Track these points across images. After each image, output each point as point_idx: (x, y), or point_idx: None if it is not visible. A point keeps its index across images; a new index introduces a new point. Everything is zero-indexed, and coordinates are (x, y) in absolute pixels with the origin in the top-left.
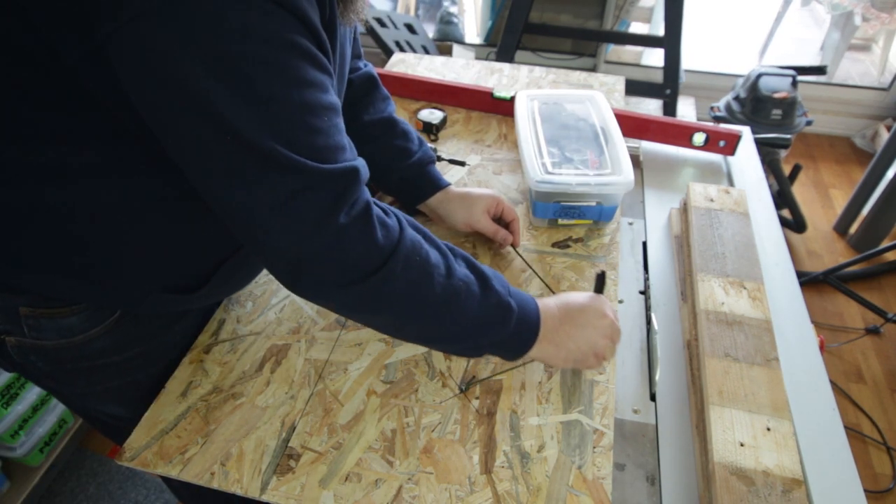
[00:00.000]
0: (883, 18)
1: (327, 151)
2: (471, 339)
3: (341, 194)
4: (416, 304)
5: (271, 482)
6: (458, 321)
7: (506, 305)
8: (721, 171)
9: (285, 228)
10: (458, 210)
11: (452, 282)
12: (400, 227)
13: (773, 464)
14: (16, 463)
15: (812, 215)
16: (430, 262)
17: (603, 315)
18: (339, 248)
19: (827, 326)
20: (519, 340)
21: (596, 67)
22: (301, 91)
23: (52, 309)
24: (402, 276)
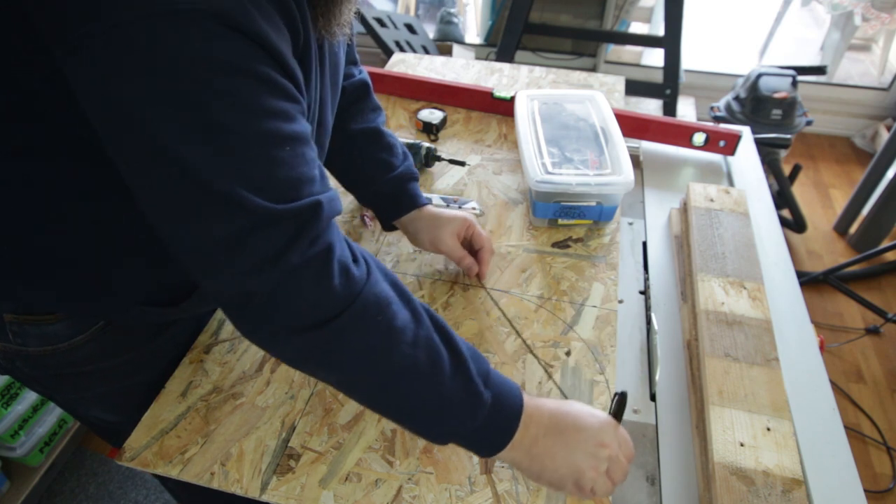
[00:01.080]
0: (883, 18)
1: (287, 185)
2: (429, 423)
3: (296, 234)
4: (368, 368)
5: (271, 482)
6: (415, 399)
7: (477, 395)
8: (721, 171)
9: (231, 268)
10: (425, 229)
11: (416, 353)
12: (368, 277)
13: (773, 464)
14: (16, 463)
15: (812, 215)
16: (395, 325)
17: (601, 444)
18: (288, 291)
19: (827, 326)
20: (486, 439)
21: (596, 67)
22: (259, 121)
23: (37, 316)
24: (356, 333)
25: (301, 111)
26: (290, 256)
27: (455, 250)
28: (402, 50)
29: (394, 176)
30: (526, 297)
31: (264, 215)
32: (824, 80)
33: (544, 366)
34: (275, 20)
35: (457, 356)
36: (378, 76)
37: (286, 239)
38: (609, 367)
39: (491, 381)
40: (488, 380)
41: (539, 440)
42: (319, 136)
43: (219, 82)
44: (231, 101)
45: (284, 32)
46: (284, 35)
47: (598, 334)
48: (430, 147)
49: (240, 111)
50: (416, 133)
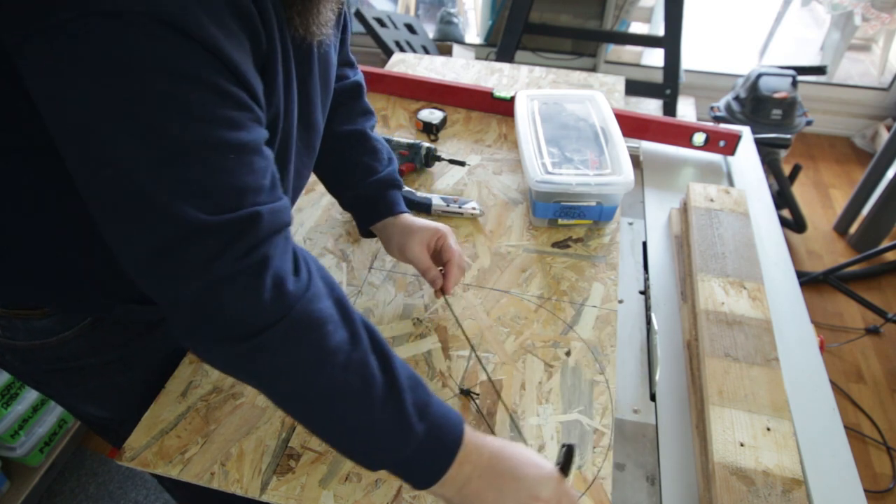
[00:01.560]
0: (883, 18)
1: (225, 194)
2: (357, 449)
3: (226, 245)
4: (295, 386)
5: (271, 482)
6: (343, 424)
7: (408, 427)
8: (721, 171)
9: (159, 274)
10: (396, 236)
11: (347, 376)
12: (305, 293)
13: (773, 464)
14: (16, 463)
15: (812, 215)
16: (327, 345)
17: (535, 497)
18: (214, 302)
19: (827, 326)
20: (416, 473)
21: (596, 67)
22: (198, 127)
23: (26, 310)
24: (282, 349)
25: (254, 119)
26: (217, 267)
27: (421, 260)
28: (402, 50)
29: (374, 180)
30: (526, 297)
31: (196, 226)
32: (824, 80)
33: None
34: (228, 25)
35: (392, 384)
36: (378, 76)
37: (216, 250)
38: (609, 367)
39: (429, 414)
40: (425, 412)
41: (472, 481)
42: (309, 137)
43: (156, 85)
44: (169, 105)
45: (240, 37)
46: (240, 40)
47: (598, 334)
48: (430, 147)
49: (177, 116)
50: (416, 133)
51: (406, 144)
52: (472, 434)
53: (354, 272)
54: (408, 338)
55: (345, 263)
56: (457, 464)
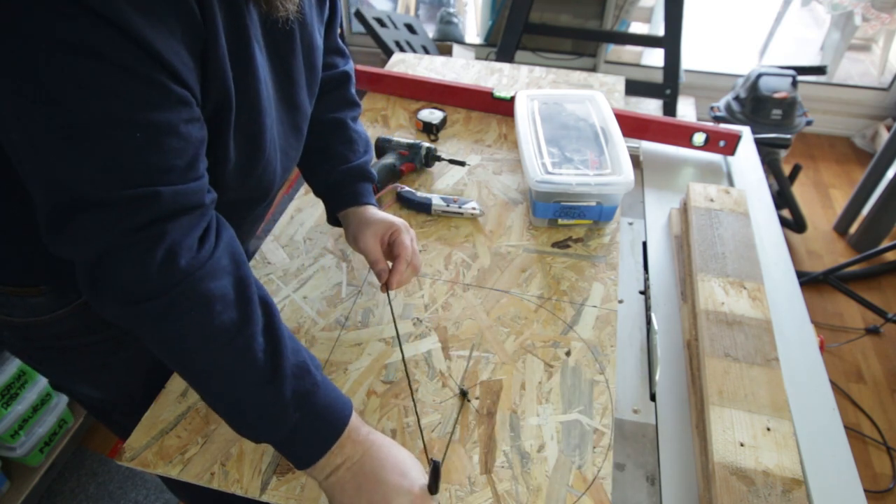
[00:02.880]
0: (883, 18)
1: (127, 170)
2: (236, 424)
3: (119, 219)
4: (176, 356)
5: (271, 482)
6: (221, 399)
7: (281, 414)
8: (721, 171)
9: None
10: (352, 225)
11: (226, 357)
12: (198, 270)
13: (773, 464)
14: (16, 463)
15: (812, 215)
16: (211, 324)
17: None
18: (106, 267)
19: (827, 326)
20: (291, 455)
21: (596, 67)
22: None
23: (21, 287)
24: (166, 321)
25: (177, 100)
26: (107, 238)
27: (371, 252)
28: (402, 50)
29: (344, 169)
30: (526, 297)
31: (89, 198)
32: (824, 80)
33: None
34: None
35: (274, 370)
36: (378, 76)
37: (107, 222)
38: (609, 367)
39: (309, 404)
40: (305, 401)
41: (339, 472)
42: (294, 118)
43: (60, 60)
44: (69, 79)
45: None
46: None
47: (598, 334)
48: (430, 147)
49: (79, 92)
50: (416, 133)
51: (406, 144)
52: (357, 428)
53: (354, 272)
54: (408, 338)
55: (345, 263)
56: (329, 454)
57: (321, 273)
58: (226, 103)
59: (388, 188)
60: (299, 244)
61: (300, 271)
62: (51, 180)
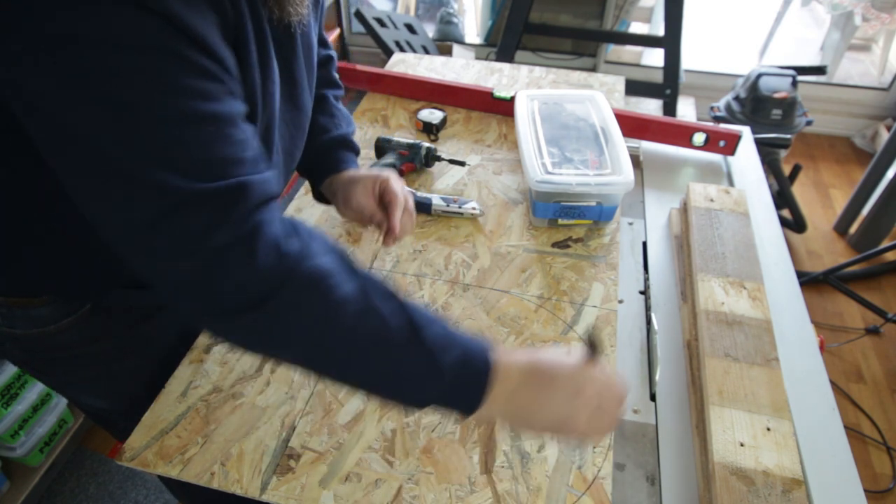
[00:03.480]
0: (883, 18)
1: (207, 166)
2: (392, 392)
3: (218, 215)
4: (315, 344)
5: (271, 482)
6: (371, 370)
7: (434, 361)
8: (721, 171)
9: (153, 252)
10: (339, 190)
11: (364, 323)
12: (303, 253)
13: (773, 464)
14: (16, 463)
15: (812, 215)
16: (337, 296)
17: (578, 392)
18: (214, 274)
19: (827, 326)
20: (457, 401)
21: (596, 67)
22: (172, 100)
23: (24, 298)
24: (295, 310)
25: (228, 91)
26: (211, 238)
27: (365, 207)
28: (402, 50)
29: (327, 139)
30: (526, 297)
31: (183, 196)
32: (824, 80)
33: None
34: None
35: (410, 324)
36: (378, 76)
37: (207, 220)
38: (609, 367)
39: (453, 345)
40: (449, 344)
41: (516, 394)
42: (297, 119)
43: (123, 61)
44: (138, 79)
45: (206, 11)
46: (205, 14)
47: (599, 334)
48: (430, 147)
49: (149, 90)
50: (416, 133)
51: (406, 144)
52: (503, 352)
53: None
54: None
55: None
56: (495, 384)
57: None
58: (252, 102)
59: None
60: None
61: None
62: (134, 185)
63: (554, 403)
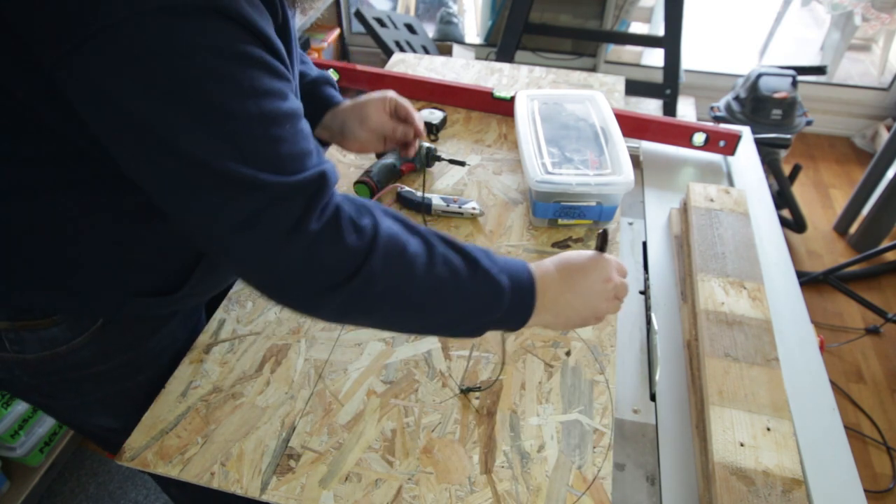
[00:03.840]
0: (883, 18)
1: (292, 160)
2: (467, 322)
3: (309, 203)
4: (403, 299)
5: (271, 482)
6: (450, 308)
7: (497, 284)
8: (721, 171)
9: (251, 246)
10: (350, 118)
11: (437, 270)
12: (375, 223)
13: (773, 464)
14: (16, 463)
15: (812, 215)
16: (410, 253)
17: (606, 279)
18: (312, 258)
19: (827, 326)
20: (516, 316)
21: (596, 67)
22: (257, 102)
23: (33, 321)
24: (382, 274)
25: (292, 88)
26: (306, 225)
27: (386, 124)
28: (402, 50)
29: (309, 80)
30: None
31: (277, 190)
32: (824, 80)
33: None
34: (256, 5)
35: (469, 260)
36: (378, 76)
37: (300, 209)
38: (609, 367)
39: (503, 267)
40: (501, 268)
41: (558, 299)
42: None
43: (213, 68)
44: (228, 85)
45: (265, 12)
46: (265, 15)
47: (598, 334)
48: (431, 147)
49: (237, 94)
50: None
51: None
52: (535, 266)
53: None
54: (408, 338)
55: None
56: (539, 293)
57: None
58: None
59: (388, 188)
60: None
61: None
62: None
63: (588, 298)
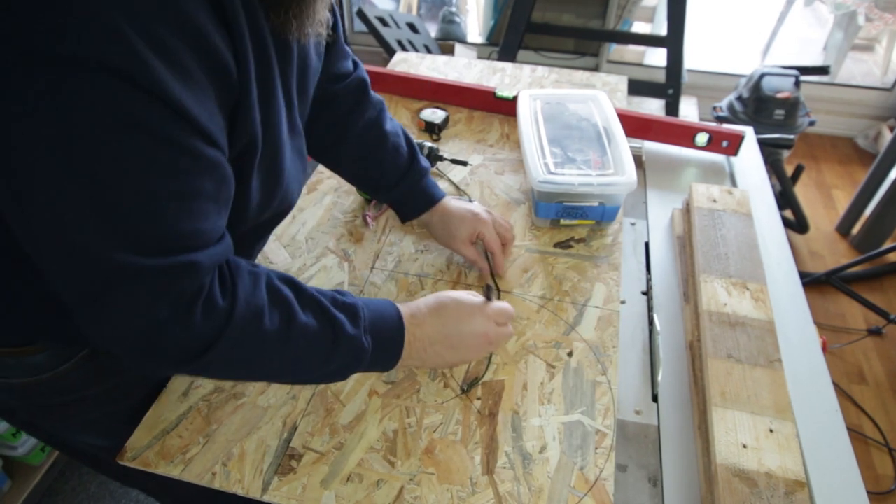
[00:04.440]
0: (886, 19)
1: (165, 240)
2: (328, 377)
3: (165, 290)
4: (257, 369)
5: (273, 482)
6: (310, 371)
7: (359, 349)
8: (724, 171)
9: (99, 319)
10: (439, 230)
11: (294, 343)
12: (231, 305)
13: (775, 465)
14: (17, 462)
15: (814, 216)
16: (268, 332)
17: (483, 333)
18: (157, 339)
19: (829, 327)
20: (377, 367)
21: (598, 67)
22: (141, 177)
23: (18, 348)
24: (232, 353)
25: (206, 163)
26: (156, 311)
27: (470, 255)
28: (404, 49)
29: (404, 181)
30: (528, 297)
31: (133, 271)
32: (827, 80)
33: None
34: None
35: (334, 326)
36: (380, 75)
37: (153, 294)
38: (611, 368)
39: (368, 326)
40: (367, 327)
41: (426, 349)
42: (299, 144)
43: (94, 134)
44: (112, 157)
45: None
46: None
47: (601, 335)
48: (433, 147)
49: (122, 168)
50: (418, 133)
51: None
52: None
53: (356, 272)
54: None
55: (346, 263)
56: (407, 344)
57: (323, 273)
58: (251, 147)
59: None
60: (301, 244)
61: (302, 271)
62: (86, 257)
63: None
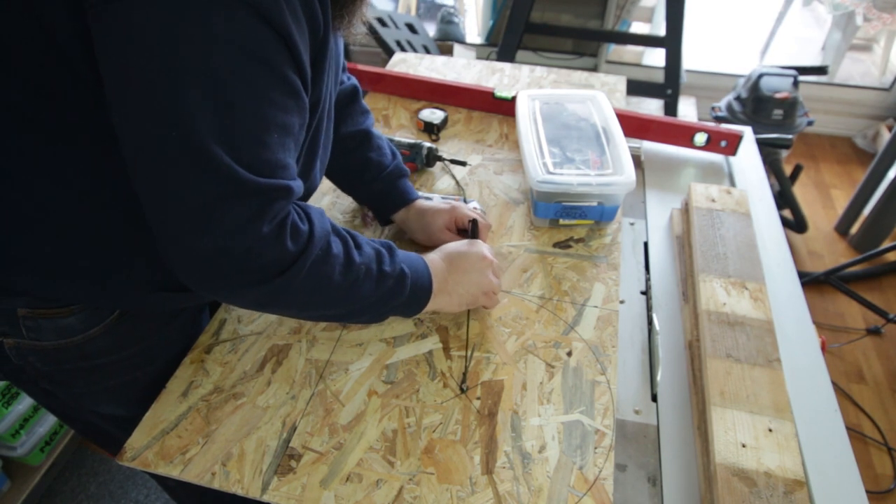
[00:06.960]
0: (884, 19)
1: (266, 165)
2: (372, 310)
3: (266, 207)
4: (320, 294)
5: (272, 482)
6: (359, 300)
7: (400, 276)
8: (722, 171)
9: (205, 229)
10: (416, 226)
11: (353, 268)
12: (311, 230)
13: (774, 465)
14: (16, 462)
15: (813, 216)
16: (333, 254)
17: (482, 257)
18: (253, 254)
19: (828, 327)
20: (416, 301)
21: (597, 67)
22: (261, 105)
23: (51, 310)
24: (307, 274)
25: (299, 106)
26: (258, 225)
27: (447, 239)
28: (402, 49)
29: (385, 175)
30: (527, 297)
31: (245, 185)
32: (825, 80)
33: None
34: (300, 18)
35: (378, 257)
36: (379, 76)
37: (257, 209)
38: (610, 368)
39: (404, 259)
40: (402, 259)
41: (447, 280)
42: (330, 125)
43: (234, 62)
44: (243, 83)
45: (305, 30)
46: (305, 33)
47: (600, 335)
48: (431, 147)
49: (248, 94)
50: (417, 133)
51: (407, 144)
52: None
53: None
54: (409, 338)
55: None
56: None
57: None
58: (316, 108)
59: None
60: None
61: None
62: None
63: (472, 275)
